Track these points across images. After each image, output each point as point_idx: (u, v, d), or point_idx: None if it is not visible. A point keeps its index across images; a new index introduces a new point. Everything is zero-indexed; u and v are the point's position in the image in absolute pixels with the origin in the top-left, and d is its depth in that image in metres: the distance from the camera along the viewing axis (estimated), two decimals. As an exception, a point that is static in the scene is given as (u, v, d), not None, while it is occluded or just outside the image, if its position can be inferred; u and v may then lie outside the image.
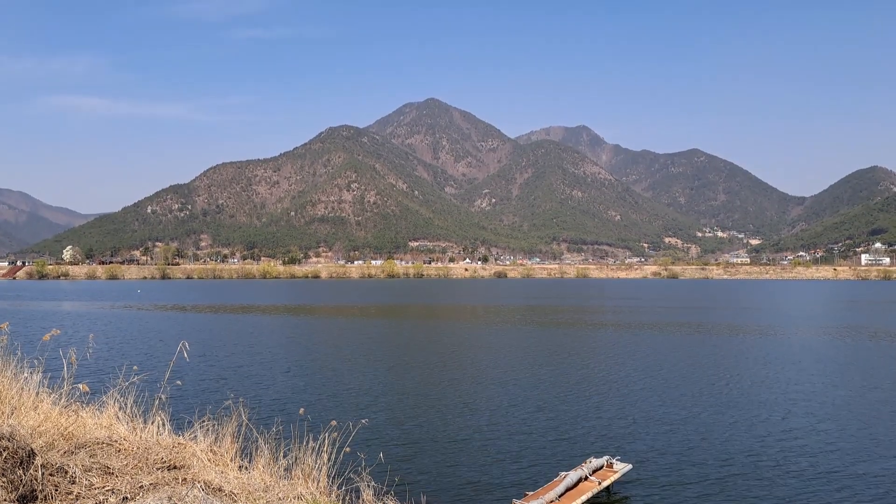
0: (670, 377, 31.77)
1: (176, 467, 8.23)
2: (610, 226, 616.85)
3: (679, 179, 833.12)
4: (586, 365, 36.03)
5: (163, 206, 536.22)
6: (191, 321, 64.51)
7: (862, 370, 34.23)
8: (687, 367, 34.89)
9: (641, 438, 20.66)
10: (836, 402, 26.29)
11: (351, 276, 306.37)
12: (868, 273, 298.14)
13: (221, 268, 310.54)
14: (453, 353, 41.11)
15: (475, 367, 35.06)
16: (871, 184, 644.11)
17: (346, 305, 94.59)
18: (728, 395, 27.55)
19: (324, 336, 51.70)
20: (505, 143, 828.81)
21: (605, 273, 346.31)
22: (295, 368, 34.16)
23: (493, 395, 27.30)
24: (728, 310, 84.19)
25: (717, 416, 23.75)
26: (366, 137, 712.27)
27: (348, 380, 30.79)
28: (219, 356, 38.48)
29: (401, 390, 28.39)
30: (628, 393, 27.90)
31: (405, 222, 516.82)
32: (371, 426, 20.89)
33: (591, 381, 30.67)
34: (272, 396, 26.63)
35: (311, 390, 28.08)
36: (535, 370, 33.95)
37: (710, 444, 20.05)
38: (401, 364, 36.12)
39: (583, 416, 23.78)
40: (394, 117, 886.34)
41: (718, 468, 17.75)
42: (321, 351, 41.96)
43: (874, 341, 47.81)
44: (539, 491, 14.67)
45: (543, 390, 28.39)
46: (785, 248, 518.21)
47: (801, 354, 40.30)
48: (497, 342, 47.27)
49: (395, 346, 45.23)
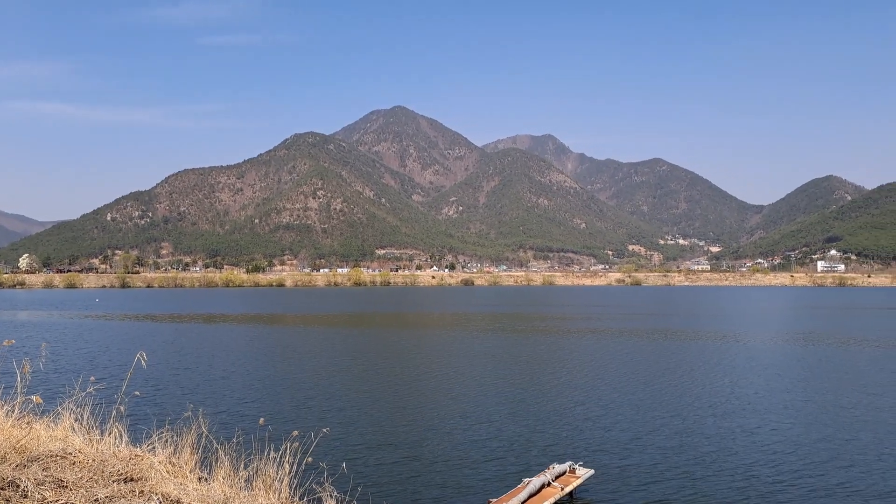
0: (632, 383, 32.20)
1: (133, 479, 8.09)
2: (575, 233, 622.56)
3: (642, 188, 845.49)
4: (550, 371, 36.32)
5: (123, 213, 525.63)
6: (151, 331, 63.34)
7: (822, 376, 35.13)
8: (649, 373, 35.40)
9: (604, 444, 20.91)
10: (796, 407, 26.95)
11: (317, 284, 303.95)
12: (824, 279, 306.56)
13: (183, 276, 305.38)
14: (418, 362, 41.08)
15: (439, 375, 35.08)
16: (827, 192, 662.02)
17: (311, 314, 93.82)
18: (690, 400, 28.03)
19: (287, 345, 51.20)
20: (472, 151, 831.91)
21: (571, 280, 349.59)
22: (256, 378, 33.78)
23: (457, 403, 27.36)
24: (689, 316, 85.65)
25: (678, 420, 24.14)
26: (332, 144, 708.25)
27: (311, 389, 30.55)
28: (179, 366, 37.86)
29: (364, 399, 28.27)
30: (591, 399, 28.20)
31: (372, 230, 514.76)
32: (334, 435, 20.78)
33: (555, 388, 30.93)
34: (233, 407, 26.30)
35: (272, 400, 27.80)
36: (499, 377, 34.11)
37: (672, 449, 20.38)
38: (365, 373, 35.97)
39: (546, 422, 23.97)
40: (360, 124, 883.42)
41: (680, 473, 18.05)
42: (284, 360, 41.56)
43: (833, 347, 49.10)
44: (503, 498, 14.75)
45: (507, 397, 28.54)
46: (744, 255, 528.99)
47: (761, 360, 41.22)
48: (462, 350, 47.35)
49: (359, 354, 44.99)
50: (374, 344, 52.37)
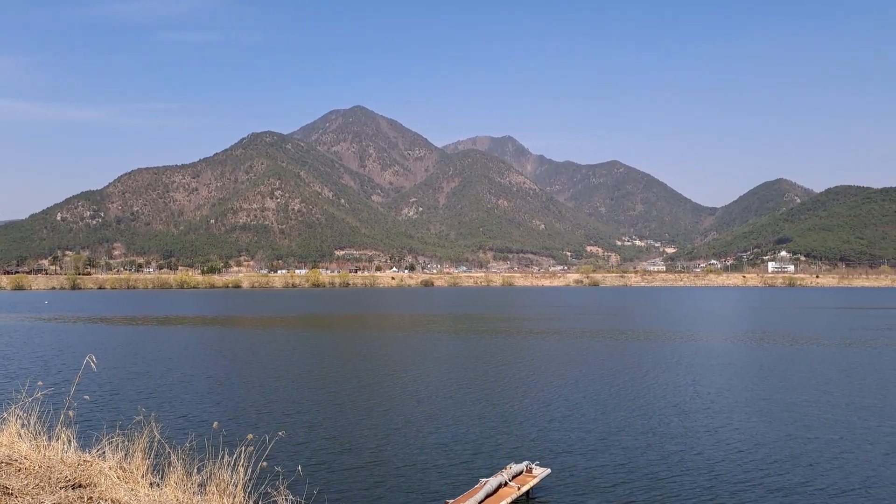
0: (589, 382, 32.66)
1: (81, 486, 7.95)
2: (535, 234, 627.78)
3: (600, 190, 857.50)
4: (506, 372, 36.59)
5: (74, 213, 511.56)
6: (102, 333, 61.80)
7: (779, 374, 36.16)
8: (605, 373, 35.95)
9: (561, 443, 21.17)
10: (750, 404, 27.68)
11: (274, 285, 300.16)
12: (774, 280, 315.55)
13: (136, 277, 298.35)
14: (377, 364, 40.97)
15: (398, 377, 35.06)
16: (777, 195, 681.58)
17: (269, 316, 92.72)
18: (646, 399, 28.56)
19: (242, 348, 50.49)
20: (432, 151, 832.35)
21: (530, 281, 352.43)
22: (212, 382, 33.27)
23: (414, 404, 27.39)
24: (647, 316, 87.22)
25: (635, 420, 24.59)
26: (290, 144, 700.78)
27: (267, 392, 30.22)
28: (131, 370, 37.04)
29: (320, 401, 28.09)
30: (548, 398, 28.52)
31: (331, 231, 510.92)
32: (289, 439, 20.63)
33: (512, 388, 31.19)
34: (186, 411, 25.86)
35: (227, 403, 27.42)
36: (459, 379, 34.25)
37: (629, 447, 20.74)
38: (323, 375, 35.74)
39: (503, 422, 24.16)
40: (319, 124, 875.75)
41: (636, 471, 18.36)
42: (239, 363, 41.00)
43: (787, 346, 50.57)
44: (460, 498, 14.83)
45: (466, 398, 28.68)
46: (698, 256, 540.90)
47: (719, 359, 42.23)
48: (421, 351, 47.39)
49: (317, 357, 44.65)
50: (333, 346, 52.03)
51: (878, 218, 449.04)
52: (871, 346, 49.99)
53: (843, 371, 36.84)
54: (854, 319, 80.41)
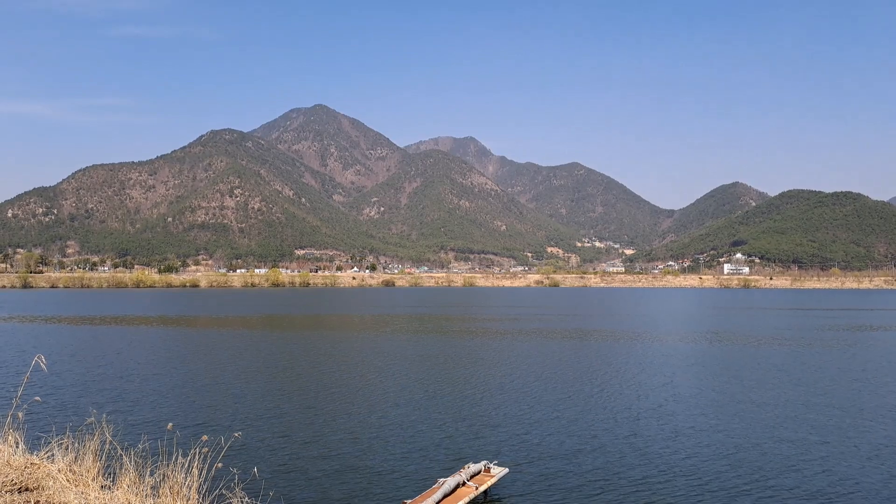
0: (548, 382, 32.99)
1: (29, 489, 7.79)
2: (496, 235, 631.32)
3: (560, 191, 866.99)
4: (464, 371, 36.75)
5: (25, 209, 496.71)
6: (53, 333, 60.15)
7: (730, 371, 37.02)
8: (564, 372, 36.36)
9: (519, 443, 21.36)
10: (709, 403, 28.29)
11: (233, 284, 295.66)
12: (730, 282, 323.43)
13: (90, 276, 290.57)
14: (336, 365, 40.73)
15: (358, 378, 34.92)
16: (733, 198, 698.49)
17: (227, 316, 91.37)
18: (605, 398, 28.99)
19: (199, 348, 49.67)
20: (394, 151, 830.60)
21: (491, 281, 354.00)
22: (166, 382, 32.67)
23: (375, 405, 27.34)
24: (607, 316, 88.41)
25: (593, 419, 24.94)
26: (250, 142, 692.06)
27: (223, 393, 29.82)
28: (83, 371, 36.15)
29: (277, 402, 27.83)
30: (506, 398, 28.74)
31: (291, 230, 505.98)
32: (244, 440, 20.43)
33: (469, 387, 31.34)
34: (139, 412, 25.37)
35: (182, 405, 26.98)
36: (418, 379, 34.27)
37: (587, 447, 21.02)
38: (281, 376, 35.41)
39: (460, 421, 24.28)
40: (280, 122, 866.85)
41: (595, 471, 18.60)
42: (195, 364, 40.34)
43: (747, 346, 51.79)
44: (417, 499, 14.87)
45: (426, 399, 28.72)
46: (656, 257, 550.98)
47: (673, 358, 43.03)
48: (382, 352, 47.25)
49: (275, 358, 44.19)
50: (292, 347, 51.53)
51: (829, 221, 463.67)
52: (830, 346, 51.66)
53: (807, 370, 37.92)
54: (806, 320, 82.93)
